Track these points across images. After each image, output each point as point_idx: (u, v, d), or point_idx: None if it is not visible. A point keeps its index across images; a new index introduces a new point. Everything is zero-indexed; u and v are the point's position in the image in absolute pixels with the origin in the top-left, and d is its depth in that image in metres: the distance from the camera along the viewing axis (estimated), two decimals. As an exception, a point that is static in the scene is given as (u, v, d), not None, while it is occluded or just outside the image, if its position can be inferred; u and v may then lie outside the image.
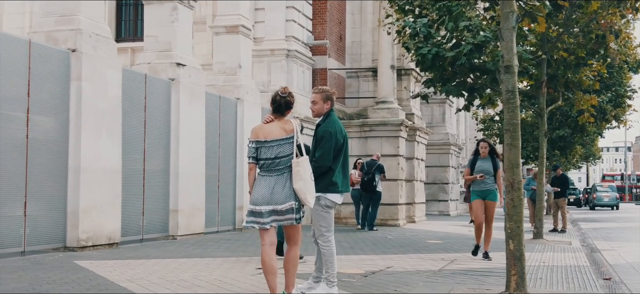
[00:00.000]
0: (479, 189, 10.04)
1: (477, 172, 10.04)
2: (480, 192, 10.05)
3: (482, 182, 10.01)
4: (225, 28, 15.52)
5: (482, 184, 10.02)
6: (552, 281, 8.09)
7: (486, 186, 10.02)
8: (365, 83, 21.47)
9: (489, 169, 10.03)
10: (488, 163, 10.09)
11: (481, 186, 10.03)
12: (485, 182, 10.01)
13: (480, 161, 10.16)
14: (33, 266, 8.07)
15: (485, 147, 10.20)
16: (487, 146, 10.23)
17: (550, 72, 14.66)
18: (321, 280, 6.33)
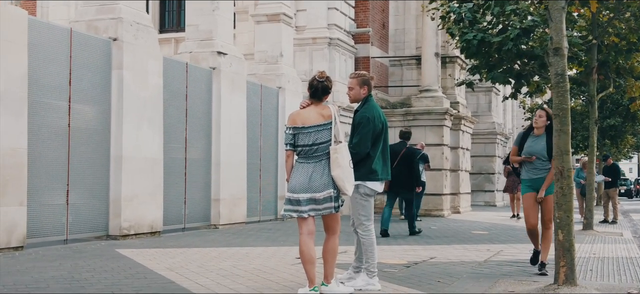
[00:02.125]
0: (532, 178, 7.46)
1: (527, 153, 7.46)
2: (532, 183, 7.46)
3: (534, 168, 7.43)
4: (266, 16, 15.43)
5: (535, 171, 7.43)
6: (603, 273, 7.78)
7: (541, 174, 7.41)
8: (409, 71, 21.18)
9: (543, 150, 7.38)
10: (543, 142, 7.40)
11: (534, 173, 7.45)
12: (539, 167, 7.41)
13: (533, 138, 7.52)
14: (74, 254, 8.10)
15: (542, 117, 7.45)
16: (546, 116, 7.42)
17: (600, 58, 14.18)
18: (361, 270, 6.17)
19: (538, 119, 7.49)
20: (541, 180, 7.40)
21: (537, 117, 7.52)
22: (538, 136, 7.50)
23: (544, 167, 7.40)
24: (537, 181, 7.42)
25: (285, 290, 5.93)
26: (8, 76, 8.16)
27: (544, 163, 7.40)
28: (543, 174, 7.39)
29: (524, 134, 7.66)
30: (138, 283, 6.12)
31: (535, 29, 12.56)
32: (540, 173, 7.43)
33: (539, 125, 7.47)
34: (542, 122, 7.43)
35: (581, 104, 25.47)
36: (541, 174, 7.41)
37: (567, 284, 6.11)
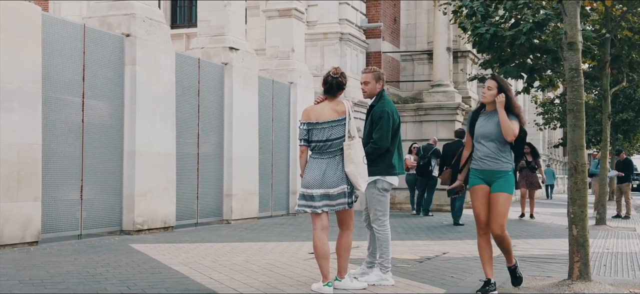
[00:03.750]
0: (482, 169, 5.72)
1: (478, 136, 5.77)
2: (484, 175, 5.71)
3: (485, 155, 5.70)
4: (278, 12, 15.43)
5: (488, 159, 5.69)
6: (616, 268, 7.75)
7: (493, 163, 5.67)
8: (420, 66, 21.13)
9: (495, 131, 5.68)
10: (496, 119, 5.67)
11: (486, 163, 5.70)
12: (492, 154, 5.67)
13: (485, 117, 5.81)
14: (88, 249, 8.15)
15: (492, 89, 5.72)
16: (496, 87, 5.72)
17: (614, 53, 14.09)
18: (375, 266, 6.17)
19: (486, 91, 5.77)
20: (495, 173, 5.68)
21: (485, 89, 5.79)
22: (490, 114, 5.75)
23: (498, 156, 5.68)
24: (490, 174, 5.69)
25: (298, 285, 5.94)
26: (22, 72, 8.21)
27: (499, 149, 5.69)
28: (498, 164, 5.67)
29: (475, 113, 5.90)
30: (152, 278, 6.15)
31: (548, 23, 12.50)
32: (493, 163, 5.69)
33: (487, 99, 5.75)
34: (491, 96, 5.72)
35: (594, 99, 25.33)
36: (495, 164, 5.68)
37: (581, 280, 6.08)
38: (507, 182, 5.69)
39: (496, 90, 5.74)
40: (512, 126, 5.64)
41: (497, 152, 5.71)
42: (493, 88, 5.76)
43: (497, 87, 5.75)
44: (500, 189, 5.65)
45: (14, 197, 8.03)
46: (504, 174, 5.69)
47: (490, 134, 5.69)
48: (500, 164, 5.70)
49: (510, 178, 5.71)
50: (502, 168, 5.70)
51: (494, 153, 5.70)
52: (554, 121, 31.64)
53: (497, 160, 5.70)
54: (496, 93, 5.73)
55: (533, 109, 36.38)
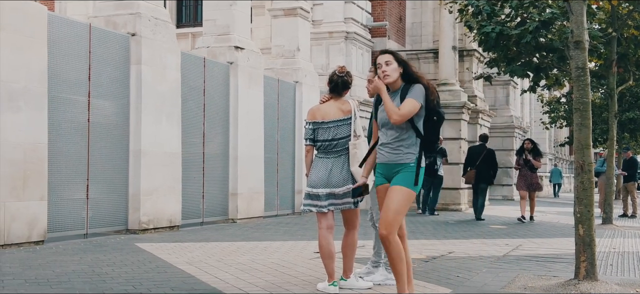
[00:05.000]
0: (383, 163, 4.85)
1: (381, 122, 4.89)
2: (385, 170, 4.84)
3: (386, 143, 4.82)
4: (283, 11, 15.43)
5: (389, 150, 4.80)
6: (623, 268, 7.71)
7: (391, 155, 4.78)
8: (426, 65, 21.08)
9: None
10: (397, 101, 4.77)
11: (386, 156, 4.82)
12: (394, 143, 4.77)
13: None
14: (94, 248, 8.16)
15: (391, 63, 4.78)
16: (395, 61, 4.79)
17: (620, 51, 14.03)
18: (380, 265, 6.16)
19: (385, 67, 4.77)
20: (394, 166, 4.75)
21: (384, 65, 4.77)
22: (393, 95, 4.81)
23: (397, 146, 4.76)
24: (389, 168, 4.79)
25: (304, 285, 5.93)
26: (28, 72, 8.23)
27: (399, 138, 4.75)
28: (397, 155, 4.75)
29: (379, 96, 4.90)
30: (158, 277, 6.15)
31: (554, 22, 12.45)
32: (391, 153, 4.77)
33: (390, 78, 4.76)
34: (393, 71, 4.75)
35: (600, 98, 25.25)
36: (394, 156, 4.76)
37: (587, 279, 6.06)
38: (406, 175, 4.71)
39: (396, 64, 4.80)
40: (406, 106, 4.65)
41: (397, 142, 4.77)
42: (392, 62, 4.80)
43: (395, 59, 4.81)
44: (395, 183, 4.71)
45: (20, 197, 8.05)
46: (403, 166, 4.74)
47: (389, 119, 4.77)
48: (399, 155, 4.75)
49: (411, 172, 4.70)
50: (402, 160, 4.74)
51: (394, 142, 4.78)
52: (560, 119, 31.55)
53: (397, 150, 4.76)
54: (397, 66, 4.79)
55: (539, 108, 36.29)
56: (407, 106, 4.68)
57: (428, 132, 4.81)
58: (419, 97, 4.73)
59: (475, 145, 15.89)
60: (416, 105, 4.70)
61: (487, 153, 14.70)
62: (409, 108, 4.68)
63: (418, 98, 4.72)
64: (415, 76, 4.85)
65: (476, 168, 14.66)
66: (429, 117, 4.80)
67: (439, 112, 4.83)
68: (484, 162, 14.54)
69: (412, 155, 4.75)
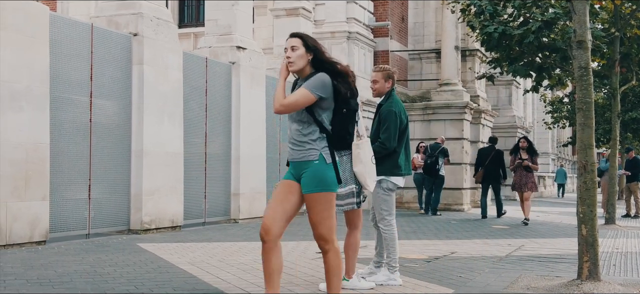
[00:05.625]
0: (290, 159, 4.39)
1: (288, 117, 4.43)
2: (291, 166, 4.36)
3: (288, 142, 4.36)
4: (285, 11, 15.43)
5: (293, 145, 4.30)
6: (626, 268, 7.69)
7: (296, 151, 4.28)
8: (428, 65, 21.08)
9: None
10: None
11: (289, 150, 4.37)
12: (299, 137, 4.26)
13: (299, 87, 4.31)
14: (96, 248, 8.16)
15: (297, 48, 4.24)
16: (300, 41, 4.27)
17: (623, 51, 14.01)
18: (382, 265, 6.15)
19: (289, 53, 4.26)
20: (301, 165, 4.25)
21: (289, 49, 4.26)
22: (302, 82, 4.29)
23: (301, 140, 4.25)
24: (297, 167, 4.28)
25: (306, 285, 5.92)
26: (30, 72, 8.22)
27: (302, 131, 4.25)
28: (301, 151, 4.24)
29: (295, 82, 4.43)
30: (160, 278, 6.15)
31: (557, 22, 12.43)
32: (296, 150, 4.28)
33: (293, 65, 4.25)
34: (298, 57, 4.23)
35: (603, 97, 25.21)
36: (298, 152, 4.26)
37: (590, 280, 6.04)
38: (314, 177, 4.18)
39: (304, 50, 4.26)
40: (292, 97, 4.15)
41: (300, 137, 4.25)
42: (298, 47, 4.26)
43: (303, 44, 4.26)
44: (307, 189, 4.21)
45: (22, 197, 8.05)
46: (308, 165, 4.21)
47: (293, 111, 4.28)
48: (302, 152, 4.23)
49: (319, 171, 4.17)
50: (306, 157, 4.22)
51: (297, 136, 4.27)
52: (563, 119, 31.52)
53: (299, 147, 4.25)
54: (304, 52, 4.26)
55: (542, 108, 36.24)
56: (294, 96, 4.17)
57: (336, 126, 4.27)
58: (315, 87, 4.15)
59: (485, 146, 16.54)
60: (306, 96, 4.13)
61: (495, 154, 15.18)
62: (294, 99, 4.15)
63: (312, 88, 4.14)
64: (327, 63, 4.25)
65: (485, 168, 15.14)
66: (339, 109, 4.27)
67: (349, 104, 4.29)
68: (493, 162, 14.98)
69: (316, 151, 4.21)
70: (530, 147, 14.43)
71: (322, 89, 4.17)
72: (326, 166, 4.21)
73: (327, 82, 4.19)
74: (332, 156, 4.24)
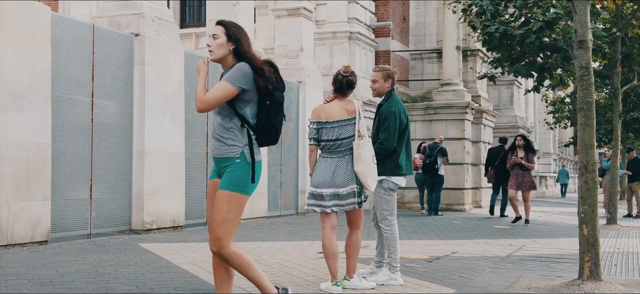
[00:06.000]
0: (212, 155, 4.23)
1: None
2: (214, 163, 4.20)
3: (211, 137, 4.25)
4: (286, 11, 15.42)
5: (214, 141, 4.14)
6: (627, 268, 7.69)
7: (217, 147, 4.10)
8: (430, 65, 21.08)
9: None
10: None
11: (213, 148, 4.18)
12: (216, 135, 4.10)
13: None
14: (98, 248, 8.17)
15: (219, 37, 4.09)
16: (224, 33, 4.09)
17: (624, 51, 14.01)
18: (383, 265, 6.15)
19: (211, 41, 4.13)
20: (222, 161, 4.06)
21: (211, 38, 4.13)
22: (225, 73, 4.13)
23: (222, 135, 4.06)
24: (219, 163, 4.11)
25: (307, 285, 5.92)
26: (32, 72, 8.23)
27: (223, 125, 4.05)
28: (222, 147, 4.05)
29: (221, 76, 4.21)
30: (161, 277, 6.15)
31: (558, 22, 12.42)
32: (216, 146, 4.10)
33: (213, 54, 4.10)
34: (218, 47, 4.06)
35: (605, 97, 25.20)
36: (219, 149, 4.07)
37: (591, 280, 6.04)
38: (231, 175, 3.98)
39: (225, 38, 4.06)
40: (213, 91, 3.92)
41: (221, 131, 4.05)
42: (220, 36, 4.06)
43: (225, 33, 4.06)
44: (222, 185, 3.99)
45: (24, 197, 8.06)
46: (229, 162, 4.01)
47: None
48: (223, 148, 4.03)
49: (237, 170, 3.98)
50: (226, 154, 4.01)
51: (219, 131, 4.06)
52: (564, 119, 31.50)
53: (220, 142, 4.05)
54: (226, 41, 4.05)
55: (543, 108, 36.22)
56: (213, 91, 3.95)
57: (261, 120, 4.04)
58: (236, 79, 3.95)
59: (495, 146, 16.78)
60: (227, 89, 3.94)
61: (504, 154, 15.26)
62: (214, 95, 3.94)
63: (233, 80, 3.95)
64: (245, 55, 4.03)
65: (495, 168, 15.42)
66: (263, 102, 4.03)
67: (273, 96, 4.04)
68: (503, 162, 15.08)
69: (238, 148, 4.00)
70: (528, 145, 14.12)
71: (242, 80, 3.97)
72: (246, 166, 4.02)
73: (248, 73, 3.97)
74: (252, 155, 4.04)
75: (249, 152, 4.01)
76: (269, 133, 4.11)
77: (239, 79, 3.96)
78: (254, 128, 4.06)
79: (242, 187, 3.99)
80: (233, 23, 4.14)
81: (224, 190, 3.97)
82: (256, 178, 4.04)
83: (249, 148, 4.02)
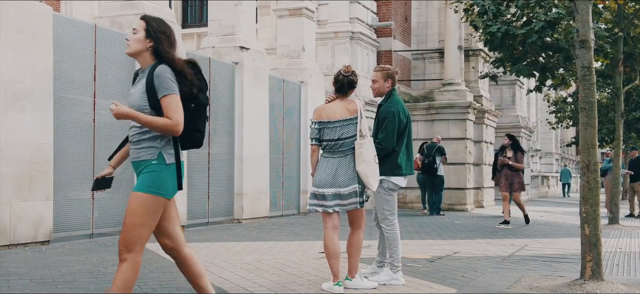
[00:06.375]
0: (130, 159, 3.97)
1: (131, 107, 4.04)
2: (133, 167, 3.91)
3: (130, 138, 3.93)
4: (288, 11, 15.43)
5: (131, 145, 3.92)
6: (629, 268, 7.68)
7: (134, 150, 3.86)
8: (432, 65, 21.07)
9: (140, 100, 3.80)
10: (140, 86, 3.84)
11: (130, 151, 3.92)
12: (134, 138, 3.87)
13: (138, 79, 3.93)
14: (100, 248, 8.17)
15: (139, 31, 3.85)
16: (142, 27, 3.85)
17: (626, 51, 13.99)
18: (385, 265, 6.15)
19: (130, 34, 3.89)
20: (138, 165, 3.81)
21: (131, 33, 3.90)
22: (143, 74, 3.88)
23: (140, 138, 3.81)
24: (136, 166, 3.84)
25: (309, 285, 5.93)
26: (34, 72, 8.24)
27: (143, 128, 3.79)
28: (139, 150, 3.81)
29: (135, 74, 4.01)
30: (163, 277, 6.16)
31: (560, 22, 12.41)
32: (134, 149, 3.85)
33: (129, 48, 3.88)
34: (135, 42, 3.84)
35: (607, 97, 25.16)
36: (136, 151, 3.83)
37: (593, 279, 6.04)
38: (146, 178, 3.72)
39: (144, 34, 3.81)
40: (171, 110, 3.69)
41: (139, 134, 3.81)
42: (139, 30, 3.81)
43: (145, 28, 3.82)
44: (135, 188, 3.76)
45: (26, 197, 8.06)
46: (145, 165, 3.76)
47: (133, 105, 3.81)
48: (140, 151, 3.79)
49: (155, 171, 3.73)
50: (142, 157, 3.77)
51: (135, 135, 3.83)
52: (566, 119, 31.47)
53: (137, 145, 3.82)
54: (144, 37, 3.81)
55: (545, 108, 36.18)
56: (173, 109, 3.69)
57: (185, 123, 3.79)
58: (170, 86, 3.70)
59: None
60: (177, 99, 3.71)
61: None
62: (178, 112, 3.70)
63: (171, 89, 3.70)
64: (165, 55, 3.78)
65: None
66: (187, 104, 3.78)
67: (197, 99, 3.84)
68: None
69: (154, 149, 3.75)
70: (515, 145, 13.63)
71: (174, 82, 3.71)
72: (165, 167, 3.74)
73: (171, 73, 3.72)
74: (176, 157, 3.79)
75: (168, 153, 3.76)
76: (194, 136, 3.90)
77: (171, 83, 3.70)
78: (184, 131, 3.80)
79: (157, 189, 3.71)
80: (157, 19, 3.87)
81: (137, 192, 3.70)
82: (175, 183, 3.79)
83: (173, 149, 3.78)
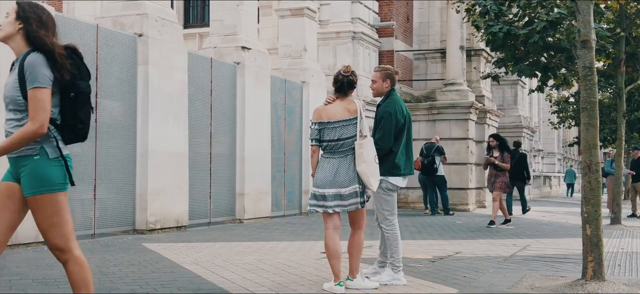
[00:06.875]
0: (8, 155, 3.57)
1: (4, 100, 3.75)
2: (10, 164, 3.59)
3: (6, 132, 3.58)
4: (290, 11, 15.43)
5: None
6: (631, 268, 7.67)
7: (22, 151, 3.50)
8: (433, 65, 21.06)
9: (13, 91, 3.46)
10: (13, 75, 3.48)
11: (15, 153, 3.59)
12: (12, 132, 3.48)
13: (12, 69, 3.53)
14: (101, 248, 8.19)
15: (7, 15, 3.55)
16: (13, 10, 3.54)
17: (628, 51, 13.98)
18: (386, 265, 6.15)
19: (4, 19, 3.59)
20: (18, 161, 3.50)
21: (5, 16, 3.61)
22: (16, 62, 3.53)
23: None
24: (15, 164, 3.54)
25: (310, 285, 5.93)
26: (36, 72, 8.24)
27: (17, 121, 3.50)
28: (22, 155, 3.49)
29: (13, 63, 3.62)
30: (165, 277, 6.16)
31: (562, 22, 12.40)
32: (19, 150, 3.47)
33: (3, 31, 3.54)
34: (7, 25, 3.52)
35: (609, 97, 25.14)
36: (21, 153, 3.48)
37: (595, 280, 6.03)
38: (34, 175, 3.47)
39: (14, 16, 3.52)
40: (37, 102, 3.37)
41: (16, 126, 3.48)
42: (11, 13, 3.54)
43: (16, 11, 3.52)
44: (27, 191, 3.49)
45: (28, 197, 8.06)
46: (27, 161, 3.48)
47: (7, 96, 3.49)
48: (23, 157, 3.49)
49: (39, 168, 3.48)
50: (22, 152, 3.47)
51: (13, 129, 3.49)
52: (568, 119, 31.45)
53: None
54: (14, 19, 3.51)
55: (547, 108, 36.16)
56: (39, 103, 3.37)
57: (65, 114, 3.53)
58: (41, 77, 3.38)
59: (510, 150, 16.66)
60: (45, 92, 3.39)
61: (519, 157, 15.49)
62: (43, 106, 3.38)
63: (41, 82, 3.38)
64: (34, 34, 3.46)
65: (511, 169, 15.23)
66: (66, 93, 3.50)
67: (77, 87, 3.51)
68: (516, 165, 15.09)
69: (36, 144, 3.45)
70: (502, 144, 13.50)
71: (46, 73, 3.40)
72: (49, 161, 3.47)
73: (42, 62, 3.41)
74: (59, 150, 3.53)
75: (53, 147, 3.49)
76: (76, 128, 3.61)
77: (42, 74, 3.38)
78: (57, 124, 3.52)
79: (50, 185, 3.48)
80: (32, 3, 3.53)
81: (31, 196, 3.48)
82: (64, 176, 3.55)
83: (54, 142, 3.50)
